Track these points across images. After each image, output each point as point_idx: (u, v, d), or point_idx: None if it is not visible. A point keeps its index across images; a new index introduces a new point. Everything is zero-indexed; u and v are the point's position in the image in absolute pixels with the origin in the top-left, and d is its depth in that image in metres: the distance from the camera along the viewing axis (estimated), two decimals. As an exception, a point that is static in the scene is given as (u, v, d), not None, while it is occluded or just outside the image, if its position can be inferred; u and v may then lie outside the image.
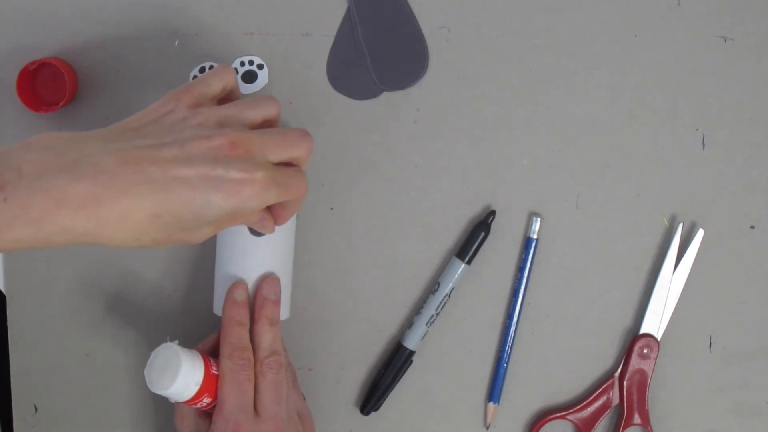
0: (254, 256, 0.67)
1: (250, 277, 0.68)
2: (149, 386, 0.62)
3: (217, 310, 0.69)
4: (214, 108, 0.59)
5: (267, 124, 0.62)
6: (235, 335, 0.65)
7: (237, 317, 0.66)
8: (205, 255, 0.74)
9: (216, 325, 0.73)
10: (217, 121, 0.58)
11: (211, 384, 0.64)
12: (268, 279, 0.67)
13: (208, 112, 0.58)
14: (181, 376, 0.61)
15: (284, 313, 0.69)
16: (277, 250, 0.68)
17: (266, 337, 0.66)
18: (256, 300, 0.67)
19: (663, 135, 0.74)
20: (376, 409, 0.74)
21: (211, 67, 0.73)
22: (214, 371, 0.64)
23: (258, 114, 0.61)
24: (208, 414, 0.66)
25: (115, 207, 0.52)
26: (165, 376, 0.62)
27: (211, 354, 0.66)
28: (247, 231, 0.67)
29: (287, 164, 0.60)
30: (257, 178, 0.56)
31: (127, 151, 0.53)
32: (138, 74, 0.73)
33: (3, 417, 0.76)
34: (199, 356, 0.64)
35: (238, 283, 0.67)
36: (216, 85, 0.61)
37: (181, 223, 0.55)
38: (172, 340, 0.63)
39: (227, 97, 0.63)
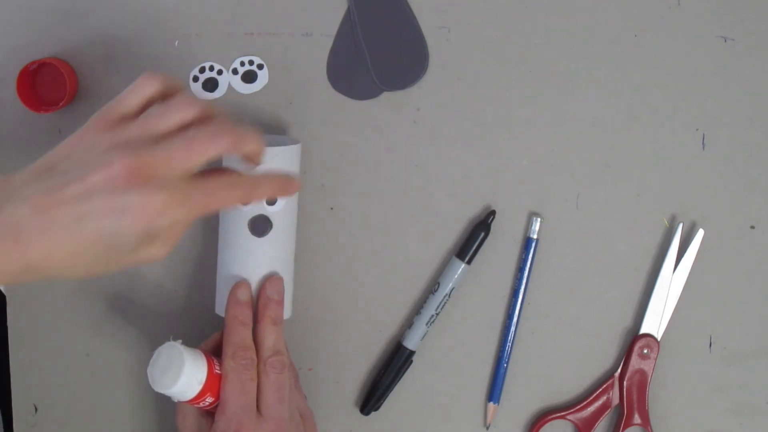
0: (256, 256, 0.67)
1: (252, 277, 0.68)
2: (152, 385, 0.62)
3: (219, 310, 0.69)
4: (120, 129, 0.58)
5: (199, 122, 0.59)
6: (238, 335, 0.65)
7: (240, 317, 0.66)
8: (206, 255, 0.74)
9: (217, 324, 0.73)
10: (123, 142, 0.57)
11: (214, 383, 0.64)
12: (272, 279, 0.67)
13: (114, 135, 0.57)
14: (184, 375, 0.62)
15: (286, 312, 0.69)
16: (278, 250, 0.68)
17: (269, 336, 0.66)
18: (260, 300, 0.67)
19: (663, 135, 0.74)
20: (376, 409, 0.74)
21: (211, 67, 0.73)
22: (217, 371, 0.64)
23: (170, 122, 0.58)
24: (210, 413, 0.66)
25: (36, 251, 0.54)
26: (168, 375, 0.62)
27: (214, 354, 0.66)
28: (248, 231, 0.67)
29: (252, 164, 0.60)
30: (156, 202, 0.55)
31: (38, 197, 0.55)
32: (138, 74, 0.72)
33: (3, 417, 0.76)
34: (202, 355, 0.64)
35: (241, 282, 0.67)
36: (131, 100, 0.60)
37: (106, 253, 0.55)
38: (175, 340, 0.63)
39: (169, 98, 0.61)
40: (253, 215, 0.67)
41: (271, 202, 0.67)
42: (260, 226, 0.68)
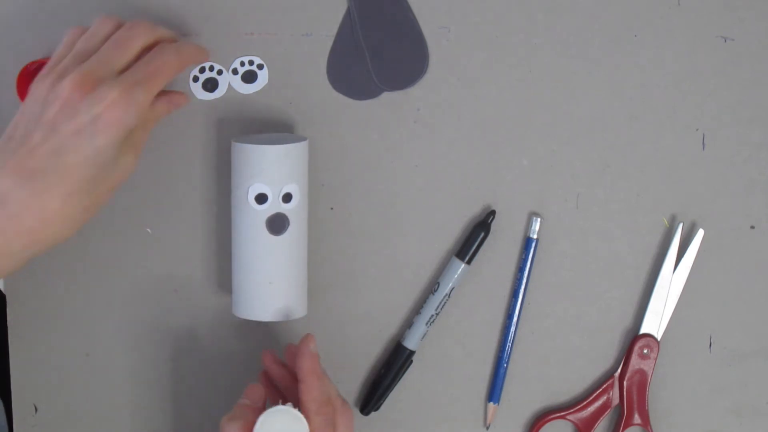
0: (274, 256, 0.68)
1: (273, 275, 0.68)
2: None
3: (237, 311, 0.69)
4: (55, 69, 0.61)
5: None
6: (318, 389, 0.64)
7: (317, 370, 0.64)
8: (208, 254, 0.74)
9: (218, 323, 0.73)
10: (60, 73, 0.60)
11: None
12: (307, 336, 0.66)
13: (51, 75, 0.60)
14: None
15: (301, 311, 0.69)
16: (297, 247, 0.69)
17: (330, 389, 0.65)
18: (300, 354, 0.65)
19: (663, 135, 0.74)
20: (376, 409, 0.74)
21: (211, 67, 0.73)
22: None
23: (127, 56, 0.62)
24: None
25: (30, 217, 0.56)
26: None
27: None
28: (266, 231, 0.68)
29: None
30: (115, 99, 0.57)
31: (10, 163, 0.57)
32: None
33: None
34: (302, 417, 0.62)
35: (310, 335, 0.65)
36: (64, 53, 0.63)
37: (94, 179, 0.58)
38: (284, 403, 0.62)
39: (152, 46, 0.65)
40: (269, 214, 0.67)
41: (287, 200, 0.67)
42: (278, 224, 0.68)
